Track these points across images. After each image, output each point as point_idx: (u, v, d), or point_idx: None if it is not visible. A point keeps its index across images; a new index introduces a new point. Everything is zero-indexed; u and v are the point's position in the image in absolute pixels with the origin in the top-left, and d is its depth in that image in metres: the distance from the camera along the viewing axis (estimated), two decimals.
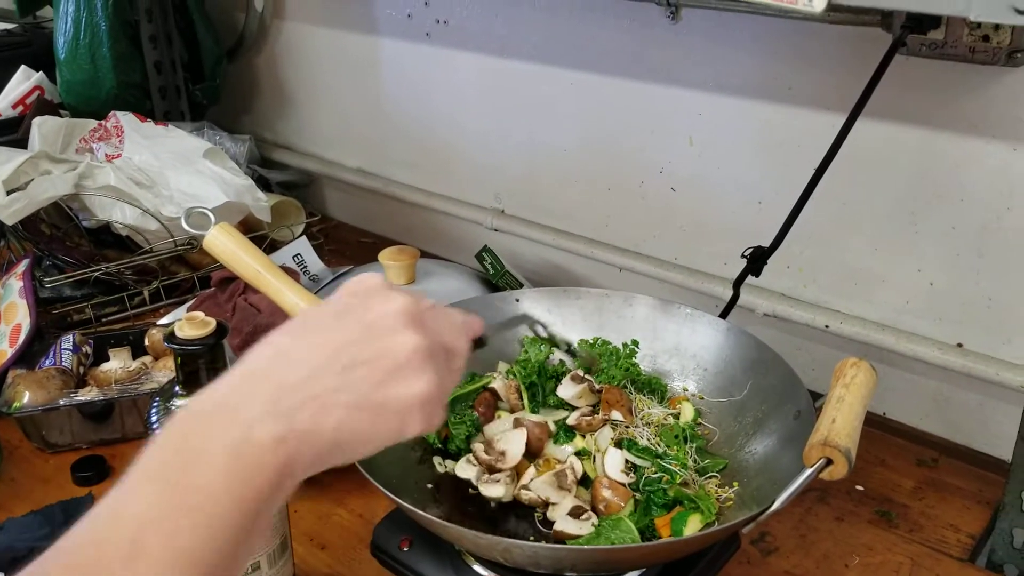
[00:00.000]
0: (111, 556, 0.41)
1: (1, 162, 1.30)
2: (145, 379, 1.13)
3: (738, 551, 0.87)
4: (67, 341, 1.15)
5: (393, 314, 0.52)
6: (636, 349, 0.96)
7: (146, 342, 1.20)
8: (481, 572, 0.80)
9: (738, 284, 1.08)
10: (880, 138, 1.05)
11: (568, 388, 0.92)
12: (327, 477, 0.50)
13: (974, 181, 1.01)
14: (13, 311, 1.23)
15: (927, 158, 1.04)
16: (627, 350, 0.96)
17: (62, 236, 1.39)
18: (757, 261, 1.03)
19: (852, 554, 0.92)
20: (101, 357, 1.18)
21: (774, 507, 0.70)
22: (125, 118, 1.47)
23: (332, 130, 1.76)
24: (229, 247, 0.87)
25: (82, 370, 1.14)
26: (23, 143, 1.45)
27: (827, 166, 0.94)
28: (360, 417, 0.49)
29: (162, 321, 1.28)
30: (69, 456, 1.04)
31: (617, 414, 0.90)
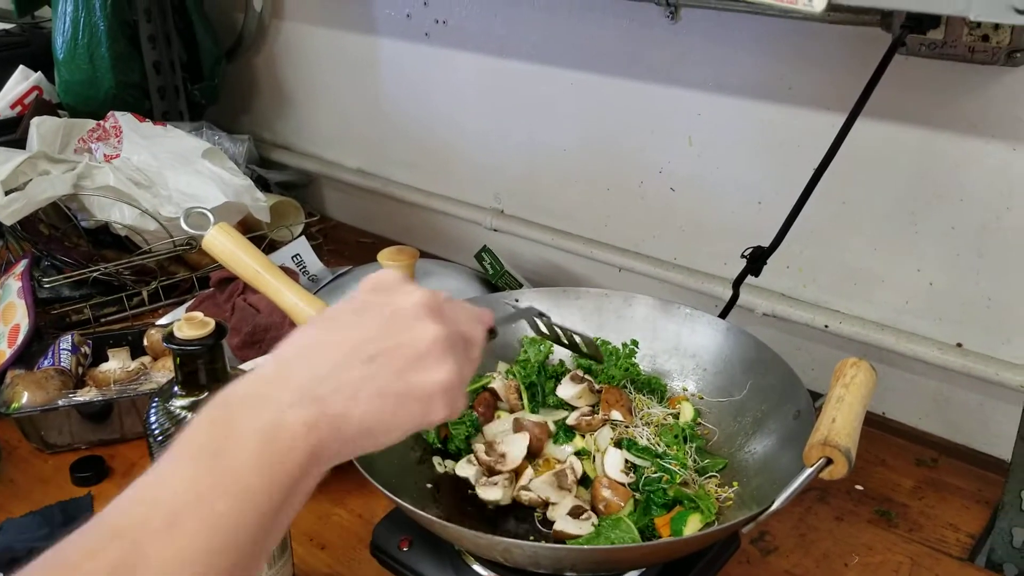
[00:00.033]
0: (154, 526, 0.43)
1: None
2: (144, 379, 1.12)
3: (738, 551, 0.87)
4: (66, 341, 1.15)
5: (413, 306, 0.55)
6: (636, 349, 0.96)
7: (145, 342, 1.20)
8: (481, 572, 0.80)
9: (738, 284, 1.08)
10: (880, 138, 1.05)
11: (568, 388, 0.92)
12: (327, 476, 0.50)
13: (974, 181, 1.01)
14: (12, 311, 1.22)
15: (927, 158, 1.04)
16: (627, 350, 0.96)
17: (61, 236, 1.39)
18: (757, 261, 1.04)
19: (852, 553, 0.92)
20: (100, 357, 1.18)
21: (774, 507, 0.70)
22: (124, 118, 1.47)
23: (331, 130, 1.76)
24: (228, 247, 0.87)
25: (81, 370, 1.14)
26: (21, 143, 1.45)
27: (827, 166, 0.95)
28: (386, 404, 0.51)
29: (161, 321, 1.28)
30: (68, 456, 1.04)
31: (617, 414, 0.90)
